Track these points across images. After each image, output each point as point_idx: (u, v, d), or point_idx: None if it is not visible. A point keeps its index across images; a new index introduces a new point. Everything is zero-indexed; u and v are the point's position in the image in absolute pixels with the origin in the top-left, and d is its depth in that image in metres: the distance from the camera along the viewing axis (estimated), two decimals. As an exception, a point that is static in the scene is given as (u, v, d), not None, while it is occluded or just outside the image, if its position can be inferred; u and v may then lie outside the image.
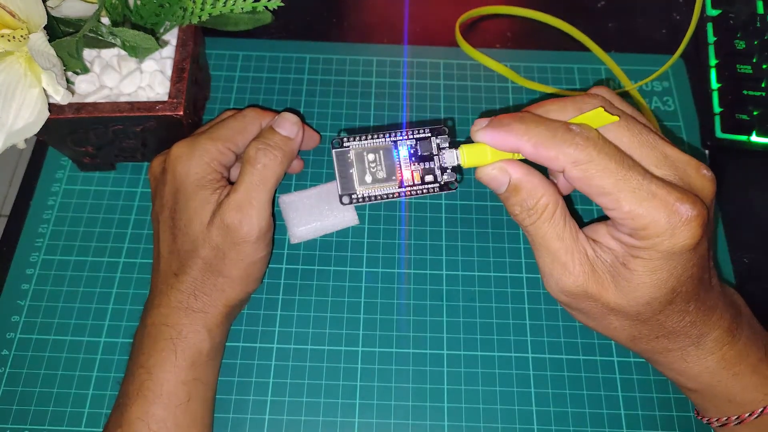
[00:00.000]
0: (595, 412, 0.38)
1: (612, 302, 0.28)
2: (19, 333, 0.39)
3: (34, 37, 0.33)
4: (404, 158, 0.29)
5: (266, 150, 0.34)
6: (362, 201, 0.29)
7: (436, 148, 0.29)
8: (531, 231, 0.29)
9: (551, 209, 0.28)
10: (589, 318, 0.30)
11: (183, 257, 0.34)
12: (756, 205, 0.45)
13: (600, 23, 0.53)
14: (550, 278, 0.29)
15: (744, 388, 0.31)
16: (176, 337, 0.33)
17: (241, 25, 0.40)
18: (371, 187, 0.29)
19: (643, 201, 0.26)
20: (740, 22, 0.49)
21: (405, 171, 0.29)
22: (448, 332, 0.40)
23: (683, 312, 0.29)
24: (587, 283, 0.28)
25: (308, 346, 0.39)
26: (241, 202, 0.33)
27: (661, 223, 0.26)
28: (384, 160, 0.29)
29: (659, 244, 0.26)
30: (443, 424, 0.37)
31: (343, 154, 0.29)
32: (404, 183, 0.29)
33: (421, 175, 0.29)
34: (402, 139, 0.29)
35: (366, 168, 0.29)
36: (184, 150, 0.35)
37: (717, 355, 0.30)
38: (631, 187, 0.26)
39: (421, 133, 0.29)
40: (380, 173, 0.29)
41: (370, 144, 0.29)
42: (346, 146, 0.29)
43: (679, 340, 0.30)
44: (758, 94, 0.46)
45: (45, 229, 0.42)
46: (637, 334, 0.30)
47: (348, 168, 0.29)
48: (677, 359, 0.31)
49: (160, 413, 0.32)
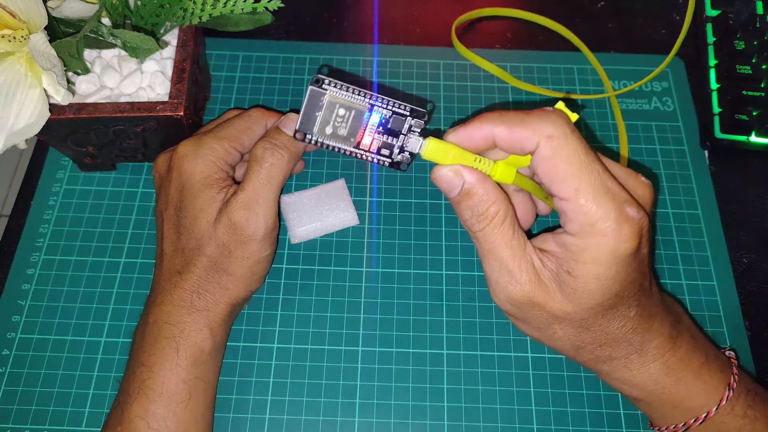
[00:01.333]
0: (594, 412, 0.38)
1: (557, 310, 0.28)
2: (20, 333, 0.39)
3: (35, 38, 0.33)
4: (372, 124, 0.28)
5: (273, 150, 0.35)
6: (313, 144, 0.29)
7: (407, 128, 0.29)
8: (480, 237, 0.29)
9: (501, 216, 0.28)
10: (534, 328, 0.31)
11: (187, 255, 0.34)
12: (755, 205, 0.45)
13: (600, 24, 0.53)
14: (496, 286, 0.29)
15: (688, 394, 0.31)
16: (178, 336, 0.33)
17: (242, 25, 0.40)
18: (328, 137, 0.29)
19: (599, 197, 0.26)
20: (740, 22, 0.49)
21: (367, 136, 0.29)
22: (448, 332, 0.40)
23: (625, 318, 0.29)
24: (533, 291, 0.28)
25: (308, 346, 0.39)
26: (249, 200, 0.34)
27: (610, 222, 0.26)
28: (351, 121, 0.28)
29: (603, 244, 0.26)
30: (443, 424, 0.37)
31: (316, 95, 0.27)
32: (360, 146, 0.29)
33: (379, 145, 0.29)
34: (380, 106, 0.28)
35: (332, 120, 0.28)
36: (190, 148, 0.35)
37: (659, 362, 0.31)
38: (591, 179, 0.26)
39: (400, 108, 0.28)
40: (342, 131, 0.28)
41: (346, 98, 0.28)
42: (324, 89, 0.27)
43: (622, 347, 0.30)
44: (757, 95, 0.46)
45: (46, 229, 0.42)
46: (581, 342, 0.30)
47: (315, 110, 0.28)
48: (621, 368, 0.31)
49: (161, 411, 0.32)
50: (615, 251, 0.26)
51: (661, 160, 0.46)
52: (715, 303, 0.41)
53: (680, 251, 0.43)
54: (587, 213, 0.26)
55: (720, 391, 0.31)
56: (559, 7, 0.53)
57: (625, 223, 0.26)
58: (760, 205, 0.45)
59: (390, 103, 0.28)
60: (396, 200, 0.44)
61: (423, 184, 0.44)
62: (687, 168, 0.46)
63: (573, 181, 0.26)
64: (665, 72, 0.50)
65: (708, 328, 0.40)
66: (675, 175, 0.45)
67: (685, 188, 0.45)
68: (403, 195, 0.44)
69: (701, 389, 0.31)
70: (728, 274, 0.42)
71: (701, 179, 0.45)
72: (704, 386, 0.31)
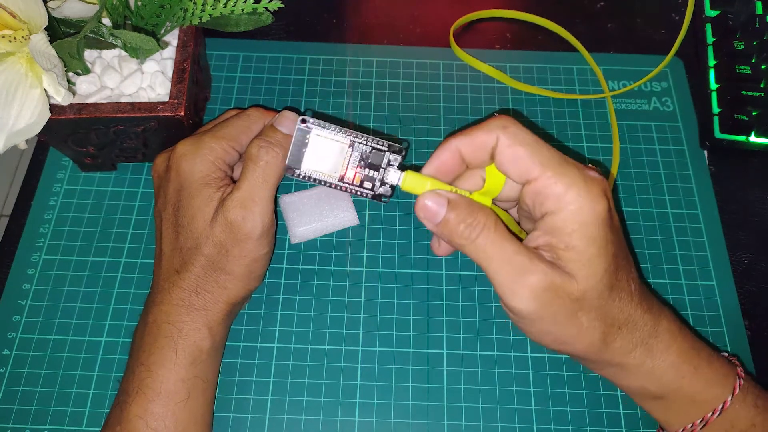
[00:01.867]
0: (594, 411, 0.38)
1: (576, 290, 0.28)
2: (21, 333, 0.39)
3: (35, 38, 0.33)
4: (354, 159, 0.31)
5: (268, 148, 0.35)
6: (302, 178, 0.32)
7: (386, 162, 0.31)
8: (480, 244, 0.29)
9: (493, 220, 0.29)
10: (557, 325, 0.29)
11: (185, 254, 0.34)
12: (755, 205, 0.45)
13: (599, 24, 0.53)
14: (513, 286, 0.28)
15: (706, 383, 0.31)
16: (177, 335, 0.33)
17: (242, 26, 0.40)
18: (315, 171, 0.31)
19: (562, 166, 0.29)
20: (739, 22, 0.49)
21: (350, 170, 0.32)
22: (448, 332, 0.40)
23: (629, 293, 0.30)
24: (553, 275, 0.28)
25: (308, 346, 0.39)
26: (244, 199, 0.34)
27: (580, 184, 0.28)
28: (335, 155, 0.31)
29: (582, 206, 0.28)
30: (443, 423, 0.37)
31: (302, 134, 0.31)
32: (344, 179, 0.32)
33: (362, 178, 0.32)
34: (360, 142, 0.31)
35: (317, 155, 0.31)
36: (188, 148, 0.35)
37: (675, 348, 0.31)
38: (550, 154, 0.29)
39: (378, 144, 0.31)
40: (326, 165, 0.31)
41: (329, 135, 0.31)
42: (308, 128, 0.31)
43: (638, 330, 0.30)
44: (757, 95, 0.46)
45: (46, 229, 0.42)
46: (605, 327, 0.30)
47: (302, 147, 0.31)
48: (644, 358, 0.31)
49: (160, 411, 0.32)
50: (594, 209, 0.28)
51: (660, 160, 0.46)
52: (715, 303, 0.41)
53: (680, 251, 0.43)
54: (557, 183, 0.28)
55: (731, 379, 0.32)
56: (558, 8, 0.53)
57: (592, 183, 0.28)
58: (760, 205, 0.45)
59: (369, 139, 0.31)
60: (396, 200, 0.44)
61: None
62: (687, 168, 0.46)
63: (535, 158, 0.29)
64: (665, 72, 0.50)
65: (708, 328, 0.40)
66: (675, 175, 0.45)
67: (684, 188, 0.45)
68: (403, 195, 0.44)
69: (716, 377, 0.31)
70: (728, 274, 0.42)
71: (701, 179, 0.45)
72: (717, 374, 0.32)
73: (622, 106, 0.48)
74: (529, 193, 0.29)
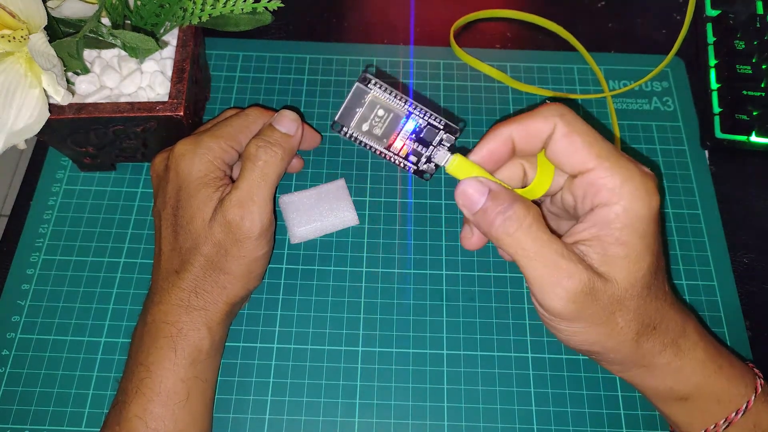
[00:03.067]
0: (594, 412, 0.38)
1: (617, 289, 0.28)
2: (20, 333, 0.39)
3: (35, 38, 0.33)
4: (407, 130, 0.30)
5: (266, 147, 0.35)
6: (348, 137, 0.30)
7: (437, 141, 0.30)
8: (520, 239, 0.28)
9: (533, 213, 0.28)
10: (592, 326, 0.28)
11: (184, 254, 0.34)
12: (756, 205, 0.45)
13: (600, 24, 0.53)
14: (550, 288, 0.27)
15: (729, 382, 0.31)
16: (176, 335, 0.33)
17: (241, 25, 0.40)
18: (362, 134, 0.30)
19: (619, 158, 0.28)
20: (740, 22, 0.49)
21: (399, 140, 0.30)
22: (448, 332, 0.40)
23: (663, 291, 0.30)
24: (592, 278, 0.27)
25: (308, 346, 0.39)
26: (243, 198, 0.34)
27: (638, 177, 0.28)
28: (388, 123, 0.30)
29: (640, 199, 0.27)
30: (443, 424, 0.37)
31: (360, 93, 0.29)
32: (390, 149, 0.30)
33: (408, 151, 0.30)
34: (418, 115, 0.30)
35: (370, 119, 0.30)
36: (187, 147, 0.35)
37: (701, 346, 0.31)
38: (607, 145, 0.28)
39: (435, 121, 0.30)
40: (377, 130, 0.30)
41: (388, 101, 0.29)
42: (369, 89, 0.29)
43: (669, 329, 0.30)
44: (758, 95, 0.46)
45: (45, 229, 0.42)
46: (640, 326, 0.29)
47: (356, 106, 0.30)
48: (673, 356, 0.30)
49: (159, 411, 0.32)
50: (649, 205, 0.28)
51: (661, 160, 0.46)
52: (716, 303, 0.41)
53: (680, 251, 0.43)
54: (614, 175, 0.27)
55: (752, 379, 0.31)
56: (559, 7, 0.53)
57: (647, 178, 0.28)
58: (761, 205, 0.45)
59: (427, 114, 0.30)
60: (396, 200, 0.44)
61: (423, 184, 0.44)
62: (687, 168, 0.46)
63: (593, 150, 0.28)
64: (665, 72, 0.50)
65: (709, 328, 0.40)
66: (675, 175, 0.45)
67: (685, 188, 0.45)
68: (403, 195, 0.44)
69: (738, 375, 0.31)
70: (728, 274, 0.42)
71: (701, 179, 0.45)
72: (739, 373, 0.31)
73: (623, 106, 0.48)
74: (581, 184, 0.28)
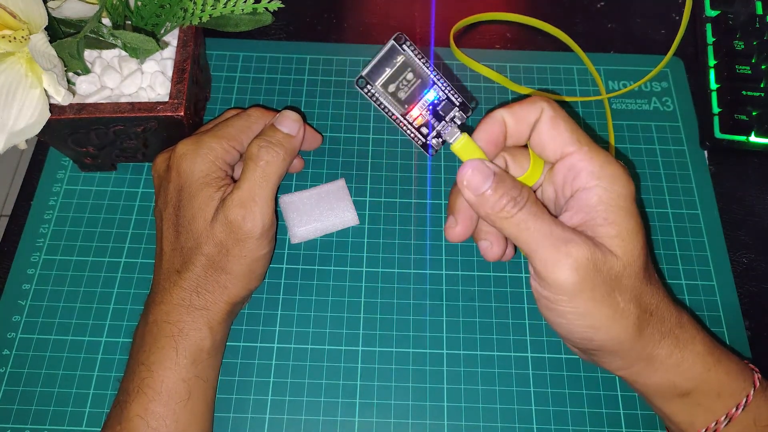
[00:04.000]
0: (594, 412, 0.38)
1: (617, 265, 0.28)
2: (20, 333, 0.39)
3: (35, 38, 0.33)
4: (426, 100, 0.31)
5: (268, 147, 0.35)
6: (369, 96, 0.30)
7: (450, 117, 0.31)
8: (522, 218, 0.29)
9: (532, 195, 0.30)
10: (594, 302, 0.28)
11: (186, 254, 0.34)
12: (755, 205, 0.45)
13: (599, 24, 0.53)
14: (555, 262, 0.28)
15: (728, 375, 0.31)
16: (177, 335, 0.33)
17: (242, 26, 0.40)
18: (385, 95, 0.30)
19: (595, 145, 0.30)
20: (739, 22, 0.49)
21: (416, 109, 0.31)
22: (448, 332, 0.40)
23: (655, 280, 0.31)
24: (594, 248, 0.28)
25: (308, 346, 0.39)
26: (245, 198, 0.34)
27: (612, 162, 0.30)
28: (414, 88, 0.30)
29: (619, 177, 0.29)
30: (443, 423, 0.37)
31: (393, 52, 0.30)
32: (407, 115, 0.31)
33: (421, 122, 0.31)
34: (440, 86, 0.30)
35: (398, 80, 0.30)
36: (189, 148, 0.35)
37: (699, 339, 0.31)
38: (585, 135, 0.31)
39: (453, 97, 0.31)
40: (402, 94, 0.30)
41: (419, 66, 0.30)
42: (403, 51, 0.30)
43: (666, 319, 0.30)
44: (757, 95, 0.46)
45: (46, 229, 0.42)
46: (640, 310, 0.29)
47: (387, 65, 0.30)
48: (673, 347, 0.30)
49: (160, 410, 0.32)
50: (629, 185, 0.30)
51: (660, 160, 0.46)
52: (715, 303, 0.41)
53: (680, 251, 0.43)
54: (594, 158, 0.30)
55: (749, 373, 0.31)
56: (558, 8, 0.53)
57: (620, 164, 0.30)
58: (760, 205, 0.45)
59: (448, 87, 0.31)
60: (396, 200, 0.44)
61: (423, 184, 0.44)
62: (687, 168, 0.46)
63: (574, 135, 0.30)
64: (665, 72, 0.50)
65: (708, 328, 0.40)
66: (675, 175, 0.45)
67: (684, 188, 0.45)
68: (403, 195, 0.44)
69: (737, 370, 0.31)
70: (728, 274, 0.42)
71: (701, 179, 0.45)
72: (737, 367, 0.32)
73: (622, 106, 0.48)
74: (561, 168, 0.30)
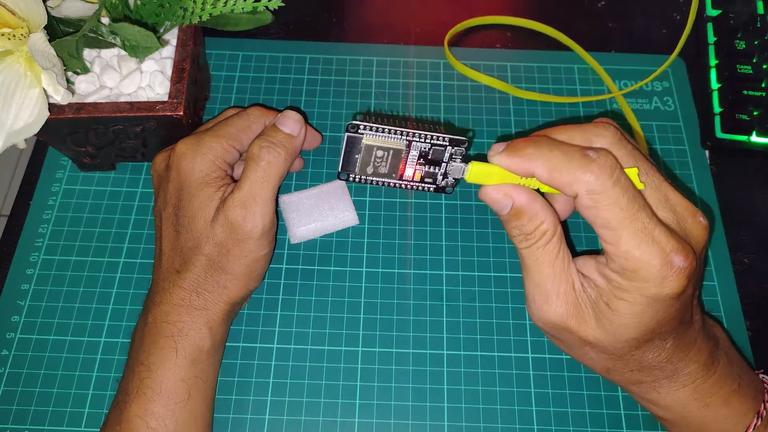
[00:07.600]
0: (595, 412, 0.38)
1: (591, 337, 0.29)
2: (19, 333, 0.39)
3: (35, 37, 0.33)
4: (413, 157, 0.29)
5: (270, 148, 0.35)
6: (358, 181, 0.30)
7: (447, 156, 0.29)
8: (524, 254, 0.29)
9: (548, 236, 0.29)
10: (566, 347, 0.31)
11: (186, 254, 0.34)
12: (756, 205, 0.45)
13: (600, 24, 0.53)
14: (533, 304, 0.30)
15: (715, 419, 0.31)
16: (177, 335, 0.33)
17: (242, 25, 0.40)
18: (370, 175, 0.30)
19: (643, 244, 0.26)
20: (740, 22, 0.49)
21: (408, 168, 0.30)
22: (448, 332, 0.40)
23: (660, 349, 0.29)
24: (567, 316, 0.29)
25: (308, 346, 0.39)
26: (245, 198, 0.34)
27: (653, 270, 0.26)
28: (390, 159, 0.29)
29: (646, 289, 0.26)
30: (443, 424, 0.37)
31: (353, 141, 0.29)
32: (403, 177, 0.30)
33: (422, 175, 0.30)
34: (418, 141, 0.29)
35: (371, 161, 0.29)
36: (189, 147, 0.35)
37: (689, 388, 0.31)
38: (635, 228, 0.26)
39: (439, 141, 0.29)
40: (383, 168, 0.30)
41: (383, 139, 0.29)
42: (360, 134, 0.29)
43: (653, 374, 0.30)
44: (758, 94, 0.46)
45: (45, 229, 0.42)
46: (612, 366, 0.31)
47: (354, 153, 0.29)
48: (649, 390, 0.31)
49: (160, 411, 0.32)
50: (657, 296, 0.27)
51: (661, 160, 0.46)
52: (716, 303, 0.41)
53: (681, 251, 0.43)
54: (629, 260, 0.26)
55: (748, 418, 0.31)
56: (559, 7, 0.53)
57: (670, 271, 0.26)
58: (761, 205, 0.45)
59: (427, 136, 0.29)
60: (396, 200, 0.44)
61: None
62: (688, 168, 0.46)
63: (615, 230, 0.26)
64: (666, 72, 0.50)
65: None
66: (676, 174, 0.45)
67: (685, 188, 0.45)
68: (403, 195, 0.44)
69: (729, 416, 0.31)
70: (729, 274, 0.42)
71: (702, 179, 0.45)
72: (732, 413, 0.31)
73: (623, 106, 0.48)
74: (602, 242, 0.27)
